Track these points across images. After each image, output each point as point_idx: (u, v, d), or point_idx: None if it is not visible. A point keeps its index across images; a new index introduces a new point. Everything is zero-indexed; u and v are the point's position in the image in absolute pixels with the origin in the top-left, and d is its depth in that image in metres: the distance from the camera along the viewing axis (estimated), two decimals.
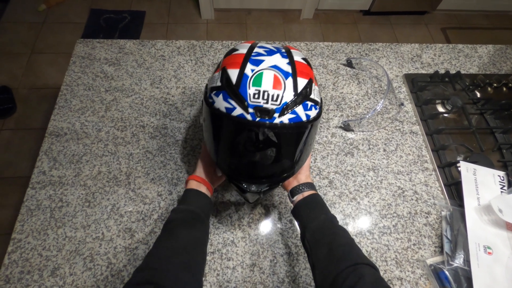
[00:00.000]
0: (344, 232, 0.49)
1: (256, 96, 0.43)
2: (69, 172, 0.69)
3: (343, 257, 0.44)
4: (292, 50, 0.50)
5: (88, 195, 0.66)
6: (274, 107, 0.44)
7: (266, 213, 0.67)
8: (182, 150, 0.74)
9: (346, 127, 0.79)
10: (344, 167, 0.74)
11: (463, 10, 2.25)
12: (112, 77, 0.84)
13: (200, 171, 0.57)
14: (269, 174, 0.52)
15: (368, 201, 0.70)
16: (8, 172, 1.47)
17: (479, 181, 0.69)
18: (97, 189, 0.67)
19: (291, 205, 0.56)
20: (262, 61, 0.46)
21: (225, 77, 0.46)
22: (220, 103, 0.46)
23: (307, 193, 0.54)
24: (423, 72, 0.92)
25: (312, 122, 0.48)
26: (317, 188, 0.70)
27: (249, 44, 0.50)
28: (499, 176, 0.70)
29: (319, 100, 0.50)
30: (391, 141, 0.78)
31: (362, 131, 0.79)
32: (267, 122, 0.44)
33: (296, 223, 0.64)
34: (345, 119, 0.80)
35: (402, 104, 0.82)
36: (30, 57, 1.84)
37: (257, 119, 0.44)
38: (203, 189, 0.55)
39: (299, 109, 0.45)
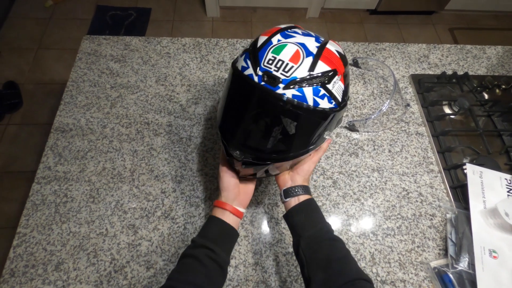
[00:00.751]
0: (341, 243, 0.48)
1: (270, 62, 0.43)
2: (74, 167, 0.69)
3: (341, 271, 0.43)
4: (331, 41, 0.49)
5: (92, 191, 0.67)
6: (282, 77, 0.43)
7: (269, 213, 0.67)
8: (186, 148, 0.74)
9: (351, 127, 0.78)
10: (349, 167, 0.73)
11: (471, 10, 2.22)
12: (117, 74, 0.84)
13: (225, 195, 0.52)
14: (256, 147, 0.48)
15: (372, 202, 0.69)
16: (15, 166, 1.49)
17: (486, 184, 0.68)
18: (102, 185, 0.68)
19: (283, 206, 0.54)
20: (293, 36, 0.46)
21: (254, 41, 0.48)
22: (240, 62, 0.48)
23: (302, 197, 0.51)
24: (430, 72, 0.91)
25: (318, 111, 0.44)
26: (320, 188, 0.70)
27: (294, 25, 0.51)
28: (506, 179, 0.69)
29: (338, 98, 0.46)
30: (397, 142, 0.78)
31: (367, 132, 0.79)
32: (269, 88, 0.43)
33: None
34: (350, 119, 0.79)
35: (408, 105, 0.81)
36: (37, 52, 1.86)
37: (262, 83, 0.43)
38: (228, 217, 0.51)
39: (308, 90, 0.43)
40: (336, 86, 0.46)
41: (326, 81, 0.44)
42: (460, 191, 0.70)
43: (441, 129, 0.78)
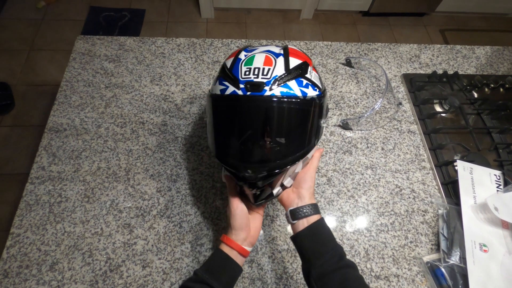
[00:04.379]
0: (352, 269, 0.45)
1: (247, 72, 0.44)
2: (69, 167, 0.69)
3: None
4: (290, 47, 0.50)
5: (87, 190, 0.67)
6: (265, 80, 0.43)
7: (265, 210, 0.67)
8: (182, 147, 0.74)
9: (345, 126, 0.79)
10: (343, 165, 0.74)
11: (461, 12, 2.27)
12: (112, 74, 0.84)
13: (236, 234, 0.50)
14: (263, 159, 0.46)
15: (366, 199, 0.70)
16: (6, 169, 1.46)
17: (476, 180, 0.70)
18: (96, 184, 0.67)
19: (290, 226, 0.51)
20: (256, 49, 0.49)
21: (222, 66, 0.49)
22: (216, 87, 0.48)
23: (311, 218, 0.48)
24: (421, 72, 0.92)
25: (309, 100, 0.45)
26: (315, 186, 0.71)
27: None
28: (495, 175, 0.71)
29: (319, 85, 0.48)
30: (389, 140, 0.79)
31: (361, 130, 0.80)
32: (257, 94, 0.43)
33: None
34: (344, 118, 0.80)
35: (400, 103, 0.83)
36: (29, 54, 1.84)
37: (248, 93, 0.43)
38: (234, 255, 0.49)
39: (293, 84, 0.44)
40: (313, 75, 0.48)
41: (303, 72, 0.46)
42: (451, 187, 0.71)
43: (432, 127, 0.79)
